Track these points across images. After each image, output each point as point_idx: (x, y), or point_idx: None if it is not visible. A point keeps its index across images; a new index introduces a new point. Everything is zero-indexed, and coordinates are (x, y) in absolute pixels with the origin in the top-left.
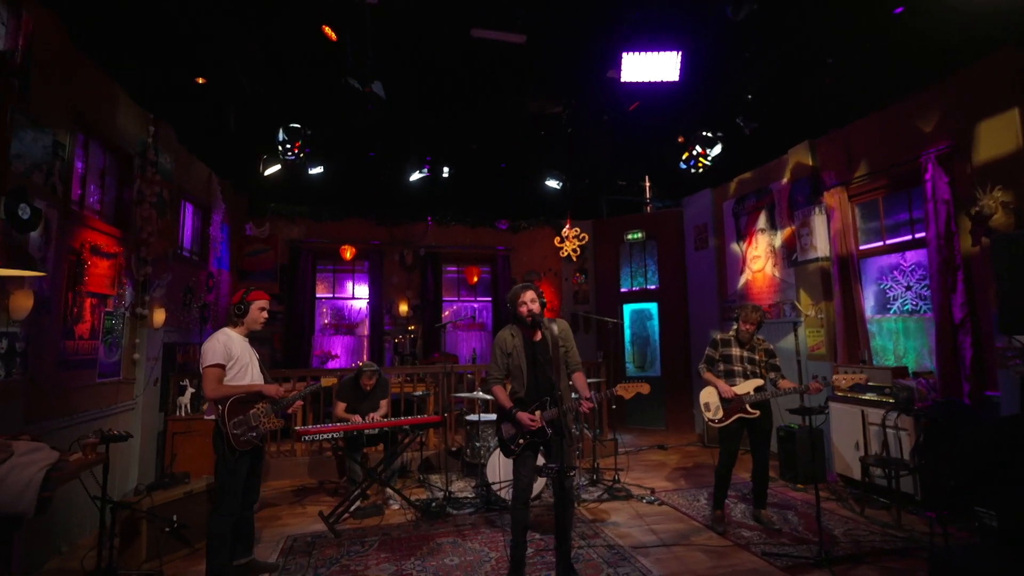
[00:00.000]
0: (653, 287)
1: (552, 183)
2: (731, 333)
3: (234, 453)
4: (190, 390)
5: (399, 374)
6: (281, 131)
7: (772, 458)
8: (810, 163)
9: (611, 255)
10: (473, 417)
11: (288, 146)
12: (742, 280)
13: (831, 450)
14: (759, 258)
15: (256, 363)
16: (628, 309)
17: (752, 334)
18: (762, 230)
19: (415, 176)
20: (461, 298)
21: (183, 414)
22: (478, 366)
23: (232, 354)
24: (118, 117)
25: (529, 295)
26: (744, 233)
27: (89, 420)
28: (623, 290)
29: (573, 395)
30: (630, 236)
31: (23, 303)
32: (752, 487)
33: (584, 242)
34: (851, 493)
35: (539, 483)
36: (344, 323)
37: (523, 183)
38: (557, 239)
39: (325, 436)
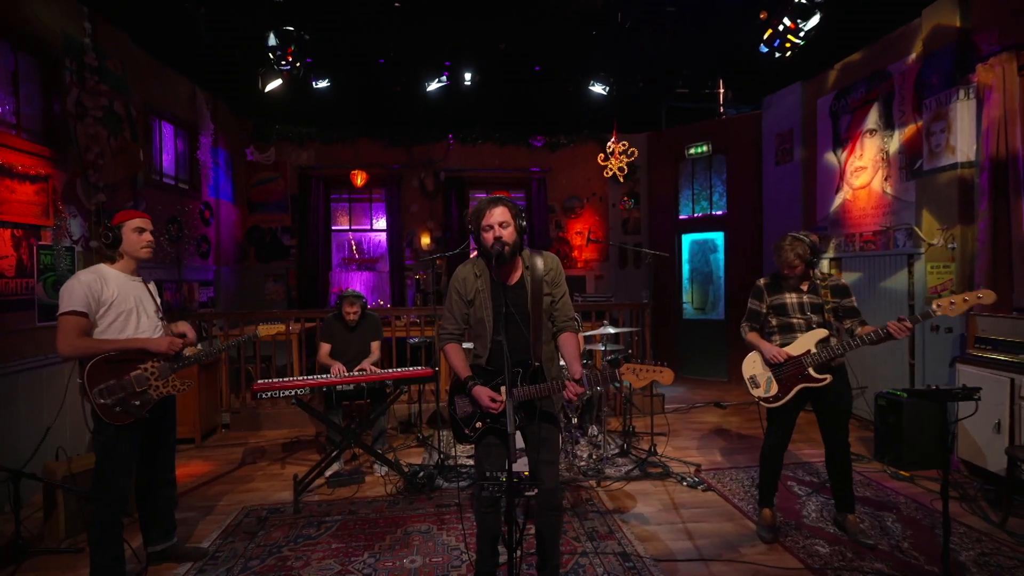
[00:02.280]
0: (719, 212)
1: (598, 88)
2: (779, 274)
3: (107, 428)
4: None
5: (418, 315)
6: (272, 35)
7: (864, 429)
8: (956, 24)
9: (668, 175)
10: None
11: (279, 53)
12: (838, 200)
13: (954, 428)
14: (864, 170)
15: (150, 308)
16: (688, 240)
17: (804, 275)
18: (871, 131)
19: (433, 85)
20: None
21: None
22: None
23: (103, 298)
24: (28, 4)
25: (498, 213)
26: (845, 137)
27: (32, 368)
28: (682, 217)
29: (562, 364)
30: (693, 150)
31: None
32: (831, 482)
33: (633, 158)
34: (982, 490)
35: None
36: (363, 258)
37: (562, 90)
38: (601, 156)
39: (287, 393)
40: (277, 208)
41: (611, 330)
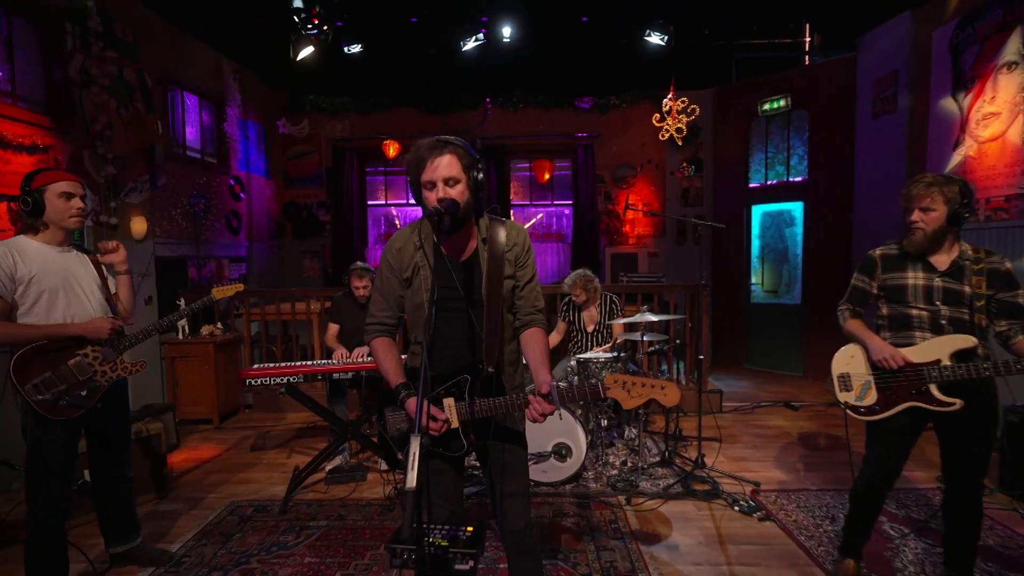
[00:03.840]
0: (798, 179)
1: (655, 39)
2: (899, 245)
3: (51, 426)
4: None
5: None
6: None
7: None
8: None
9: (737, 136)
10: None
11: (304, 16)
12: (956, 158)
13: None
14: (995, 117)
15: (90, 283)
16: (758, 212)
17: (943, 244)
18: (1009, 65)
19: (469, 45)
20: (533, 201)
21: (182, 336)
22: (551, 287)
23: (19, 275)
24: None
25: (443, 165)
26: (969, 77)
27: None
28: (753, 185)
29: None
30: (767, 106)
31: None
32: (945, 532)
33: (693, 117)
34: None
35: (571, 464)
36: None
37: (613, 44)
38: (656, 116)
39: (276, 380)
40: (313, 182)
41: (651, 317)
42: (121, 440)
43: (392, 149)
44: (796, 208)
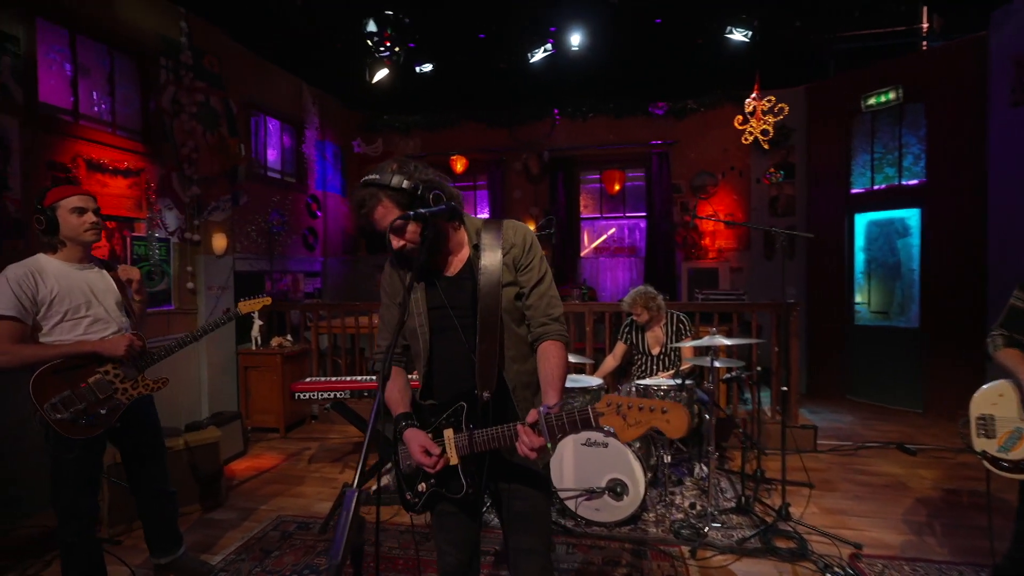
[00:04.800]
0: (913, 182)
1: (737, 35)
2: None
3: (70, 445)
4: (258, 322)
5: None
6: (371, 22)
7: None
8: None
9: (836, 136)
10: None
11: (377, 39)
12: None
13: None
14: None
15: (110, 301)
16: (863, 221)
17: None
18: None
19: (537, 56)
20: (604, 214)
21: (255, 347)
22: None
23: (40, 296)
24: (121, 7)
25: (378, 217)
26: None
27: None
28: (856, 191)
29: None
30: (873, 100)
31: None
32: None
33: (781, 116)
34: None
35: (627, 504)
36: None
37: (690, 44)
38: (739, 118)
39: (324, 395)
40: None
41: (723, 340)
42: (154, 457)
43: (459, 164)
44: (911, 216)
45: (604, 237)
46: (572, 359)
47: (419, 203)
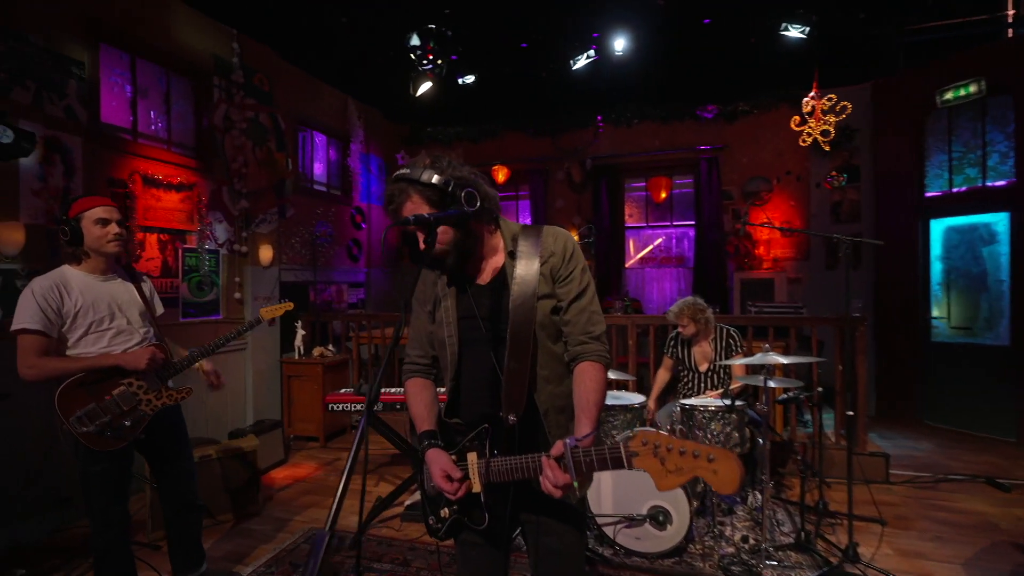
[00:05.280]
0: (1001, 183)
1: (793, 32)
2: None
3: (91, 455)
4: (300, 331)
5: None
6: (415, 36)
7: None
8: None
9: (906, 135)
10: None
11: (420, 53)
12: None
13: None
14: None
15: (134, 312)
16: (940, 227)
17: None
18: None
19: (580, 62)
20: (650, 223)
21: (297, 356)
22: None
23: (65, 309)
24: (177, 32)
25: (406, 212)
26: None
27: None
28: (931, 194)
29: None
30: (951, 94)
31: (12, 237)
32: None
33: (844, 116)
34: None
35: (671, 534)
36: None
37: (741, 43)
38: (796, 119)
39: (356, 407)
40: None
41: (777, 358)
42: (180, 468)
43: (501, 175)
44: (998, 220)
45: (651, 247)
46: (613, 375)
47: (450, 201)
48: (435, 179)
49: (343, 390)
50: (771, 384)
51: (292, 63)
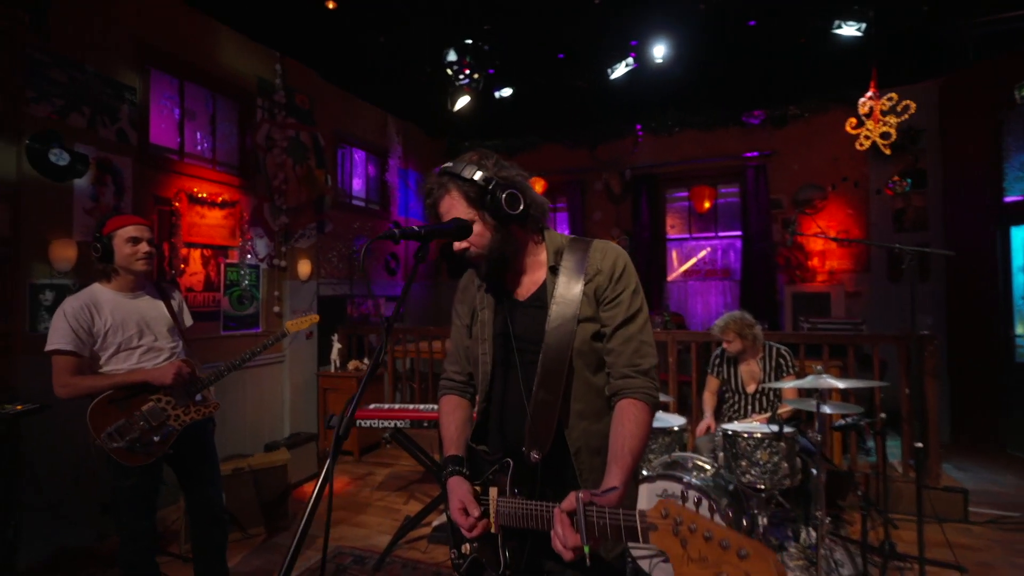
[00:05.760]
0: None
1: (848, 29)
2: None
3: (122, 470)
4: (337, 344)
5: None
6: (451, 51)
7: None
8: None
9: (979, 135)
10: None
11: (457, 68)
12: None
13: None
14: None
15: (161, 328)
16: (1021, 235)
17: None
18: None
19: (619, 71)
20: (694, 234)
21: (333, 369)
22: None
23: (96, 329)
24: (224, 56)
25: (444, 208)
26: None
27: None
28: (1011, 199)
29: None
30: None
31: (65, 254)
32: None
33: (906, 116)
34: None
35: None
36: None
37: (790, 44)
38: (852, 121)
39: (383, 423)
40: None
41: (832, 381)
42: (207, 482)
43: (538, 187)
44: None
45: (695, 260)
46: None
47: (490, 201)
48: (477, 175)
49: (372, 405)
50: (826, 409)
51: (332, 82)
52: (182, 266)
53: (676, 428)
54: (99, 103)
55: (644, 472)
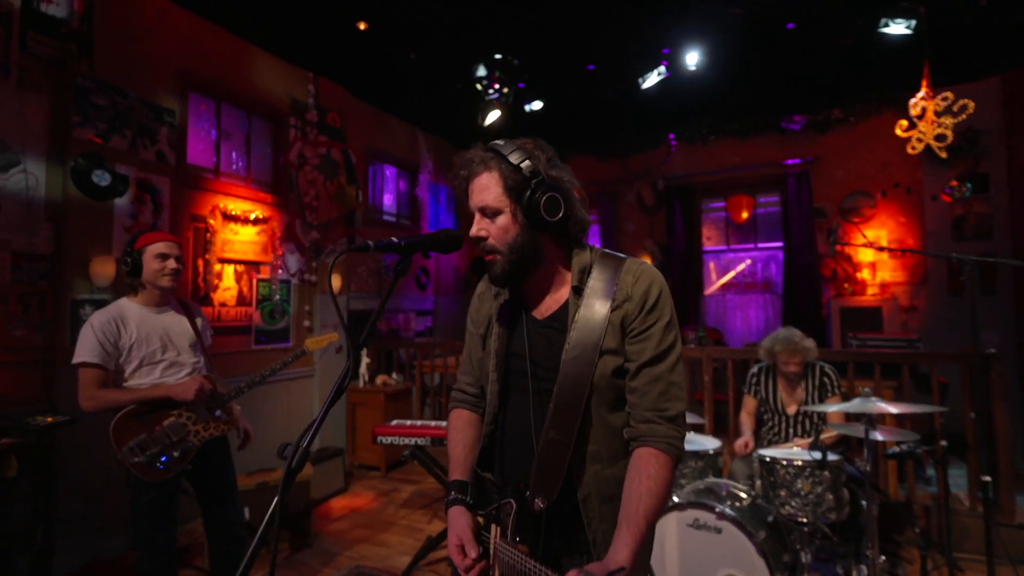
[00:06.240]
0: None
1: (897, 27)
2: None
3: (142, 484)
4: (365, 359)
5: None
6: (481, 66)
7: None
8: None
9: None
10: None
11: (486, 83)
12: None
13: None
14: None
15: (184, 343)
16: None
17: None
18: None
19: (651, 80)
20: (731, 245)
21: (362, 384)
22: (743, 351)
23: (122, 343)
24: (259, 78)
25: (478, 186)
26: None
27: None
28: None
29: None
30: None
31: (104, 270)
32: None
33: (964, 117)
34: None
35: None
36: None
37: (832, 45)
38: (903, 123)
39: (405, 440)
40: None
41: (884, 406)
42: (225, 498)
43: None
44: None
45: (734, 273)
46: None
47: (528, 197)
48: (525, 163)
49: (395, 422)
50: (876, 436)
51: (363, 99)
52: (215, 281)
53: (711, 451)
54: (140, 126)
55: (675, 499)
